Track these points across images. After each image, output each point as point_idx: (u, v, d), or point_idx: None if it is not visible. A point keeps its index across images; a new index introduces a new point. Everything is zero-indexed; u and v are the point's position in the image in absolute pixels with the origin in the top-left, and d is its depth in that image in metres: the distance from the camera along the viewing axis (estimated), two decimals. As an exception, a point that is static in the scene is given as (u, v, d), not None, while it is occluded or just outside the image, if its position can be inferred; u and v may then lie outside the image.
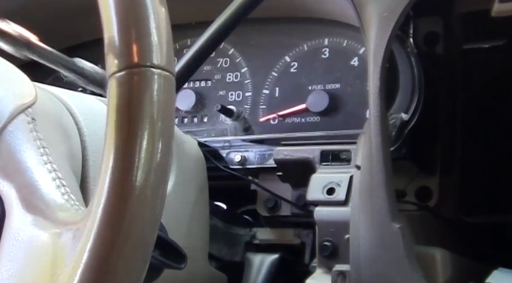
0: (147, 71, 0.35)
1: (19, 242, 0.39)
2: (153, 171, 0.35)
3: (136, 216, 0.34)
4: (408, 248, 0.64)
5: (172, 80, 0.36)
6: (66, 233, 0.37)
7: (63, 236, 0.38)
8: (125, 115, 0.35)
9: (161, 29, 0.36)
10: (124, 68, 0.35)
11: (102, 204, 0.35)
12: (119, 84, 0.35)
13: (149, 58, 0.35)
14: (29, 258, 0.38)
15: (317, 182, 0.75)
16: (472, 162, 0.85)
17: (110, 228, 0.34)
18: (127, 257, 0.34)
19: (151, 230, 0.36)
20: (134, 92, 0.35)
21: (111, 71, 0.36)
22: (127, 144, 0.34)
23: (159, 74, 0.36)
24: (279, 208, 0.86)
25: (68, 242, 0.37)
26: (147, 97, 0.35)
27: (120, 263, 0.34)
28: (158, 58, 0.36)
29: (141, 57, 0.35)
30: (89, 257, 0.34)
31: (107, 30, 0.36)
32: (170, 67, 0.36)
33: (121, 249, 0.34)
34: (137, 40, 0.35)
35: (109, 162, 0.35)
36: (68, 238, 0.37)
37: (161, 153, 0.35)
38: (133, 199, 0.34)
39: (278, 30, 0.94)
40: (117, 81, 0.35)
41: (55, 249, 0.37)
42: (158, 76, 0.35)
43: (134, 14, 0.36)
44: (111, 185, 0.34)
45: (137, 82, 0.35)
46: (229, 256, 0.86)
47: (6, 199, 0.42)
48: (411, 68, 0.79)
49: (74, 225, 0.37)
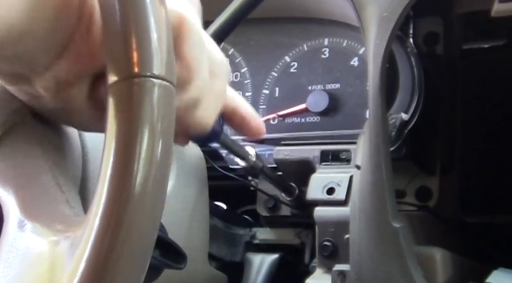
0: (147, 81, 0.35)
1: (16, 249, 0.39)
2: (152, 178, 0.35)
3: (135, 224, 0.34)
4: (408, 248, 0.64)
5: (172, 90, 0.36)
6: (64, 241, 0.37)
7: (61, 243, 0.37)
8: (124, 124, 0.35)
9: (161, 38, 0.36)
10: (124, 78, 0.35)
11: (100, 211, 0.35)
12: (119, 94, 0.35)
13: (149, 68, 0.35)
14: (26, 265, 0.38)
15: (317, 182, 0.75)
16: (472, 162, 0.85)
17: (108, 236, 0.34)
18: (125, 263, 0.34)
19: (150, 236, 0.36)
20: (134, 102, 0.35)
21: (111, 81, 0.35)
22: (126, 152, 0.34)
23: (159, 84, 0.35)
24: (279, 208, 0.86)
25: (66, 250, 0.37)
26: (147, 107, 0.35)
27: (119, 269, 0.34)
28: (158, 68, 0.35)
29: (141, 67, 0.35)
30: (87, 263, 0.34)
31: (107, 38, 0.36)
32: (171, 77, 0.36)
33: (120, 256, 0.34)
34: (137, 50, 0.35)
35: (107, 169, 0.35)
36: (66, 245, 0.37)
37: (160, 160, 0.35)
38: (131, 207, 0.34)
39: (278, 30, 0.94)
40: (116, 90, 0.35)
41: (52, 256, 0.37)
42: (159, 86, 0.35)
43: (134, 23, 0.35)
44: (109, 192, 0.34)
45: (137, 92, 0.35)
46: (229, 256, 0.86)
47: (4, 204, 0.42)
48: (411, 68, 0.79)
49: (73, 232, 0.37)
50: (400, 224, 0.65)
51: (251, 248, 0.87)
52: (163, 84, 0.36)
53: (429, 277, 0.67)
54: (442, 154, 0.82)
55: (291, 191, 0.81)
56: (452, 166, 0.83)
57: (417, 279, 0.63)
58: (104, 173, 0.35)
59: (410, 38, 0.81)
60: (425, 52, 0.82)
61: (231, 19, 0.74)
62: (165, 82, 0.36)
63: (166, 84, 0.36)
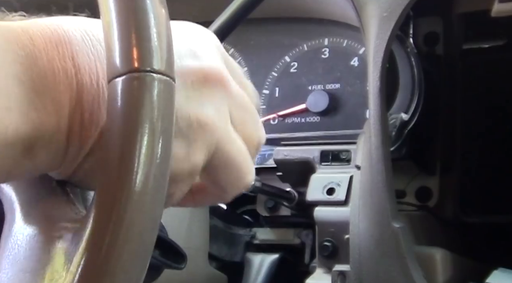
0: (147, 76, 0.35)
1: (17, 245, 0.39)
2: (152, 176, 0.35)
3: (135, 222, 0.34)
4: (408, 248, 0.64)
5: (172, 85, 0.36)
6: (65, 237, 0.37)
7: (62, 240, 0.37)
8: (124, 119, 0.35)
9: (161, 33, 0.36)
10: (124, 73, 0.35)
11: (100, 210, 0.35)
12: (119, 89, 0.35)
13: (149, 63, 0.35)
14: (27, 262, 0.38)
15: (317, 182, 0.75)
16: (472, 162, 0.85)
17: (108, 235, 0.34)
18: (126, 262, 0.34)
19: (150, 235, 0.36)
20: (133, 97, 0.35)
21: (111, 76, 0.35)
22: (126, 148, 0.34)
23: (159, 79, 0.35)
24: (279, 208, 0.86)
25: (67, 247, 0.37)
26: (147, 102, 0.35)
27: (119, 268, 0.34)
28: (158, 63, 0.35)
29: (141, 62, 0.35)
30: (87, 261, 0.34)
31: (107, 34, 0.36)
32: (171, 72, 0.36)
33: (120, 255, 0.34)
34: (137, 45, 0.35)
35: (107, 167, 0.35)
36: (67, 242, 0.37)
37: (160, 157, 0.35)
38: (131, 204, 0.34)
39: (278, 30, 0.94)
40: (116, 85, 0.35)
41: (53, 253, 0.37)
42: (159, 81, 0.35)
43: (134, 18, 0.35)
44: (110, 189, 0.34)
45: (137, 87, 0.35)
46: (229, 256, 0.86)
47: (6, 200, 0.42)
48: (411, 68, 0.79)
49: (74, 229, 0.37)
50: (400, 224, 0.65)
51: (251, 248, 0.87)
52: (163, 79, 0.36)
53: (429, 277, 0.67)
54: (442, 154, 0.82)
55: (290, 198, 0.81)
56: (452, 166, 0.83)
57: (417, 279, 0.63)
58: (105, 171, 0.35)
59: (410, 38, 0.82)
60: (425, 52, 0.82)
61: (231, 19, 0.74)
62: (165, 77, 0.36)
63: (166, 79, 0.36)
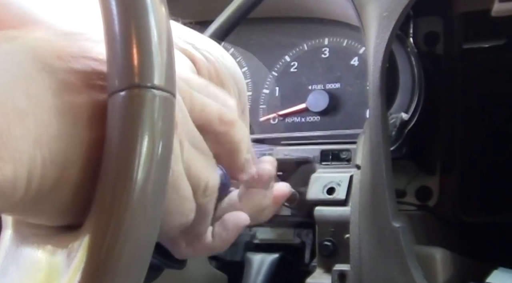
0: (147, 92, 0.35)
1: (13, 257, 0.39)
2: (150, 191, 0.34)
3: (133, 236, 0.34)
4: (408, 248, 0.64)
5: (172, 101, 0.36)
6: (62, 250, 0.37)
7: (58, 252, 0.37)
8: (124, 135, 0.35)
9: (163, 49, 0.36)
10: (125, 88, 0.35)
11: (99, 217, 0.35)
12: (119, 104, 0.35)
13: (150, 79, 0.35)
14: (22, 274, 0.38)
15: (317, 182, 0.75)
16: (472, 162, 0.85)
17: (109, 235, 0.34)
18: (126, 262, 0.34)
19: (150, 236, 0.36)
20: (134, 113, 0.35)
21: (111, 90, 0.35)
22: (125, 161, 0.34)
23: (160, 95, 0.35)
24: (279, 208, 0.86)
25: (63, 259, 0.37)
26: (146, 118, 0.35)
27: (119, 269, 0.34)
28: (159, 78, 0.35)
29: (142, 78, 0.35)
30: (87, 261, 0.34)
31: (109, 47, 0.36)
32: (172, 88, 0.36)
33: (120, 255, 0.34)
34: (138, 60, 0.35)
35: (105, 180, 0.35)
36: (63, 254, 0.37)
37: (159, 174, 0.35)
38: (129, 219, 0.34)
39: (278, 30, 0.94)
40: (117, 100, 0.35)
41: (49, 265, 0.37)
42: (159, 98, 0.35)
43: (136, 33, 0.35)
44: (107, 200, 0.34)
45: (137, 103, 0.35)
46: (229, 256, 0.85)
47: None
48: (411, 68, 0.79)
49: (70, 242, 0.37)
50: (400, 224, 0.65)
51: (251, 248, 0.87)
52: (164, 95, 0.35)
53: (429, 277, 0.67)
54: (442, 154, 0.82)
55: (290, 198, 0.81)
56: (452, 166, 0.83)
57: (417, 279, 0.63)
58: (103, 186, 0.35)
59: (410, 38, 0.82)
60: (425, 52, 0.82)
61: (231, 19, 0.74)
62: (166, 93, 0.36)
63: (167, 95, 0.36)
